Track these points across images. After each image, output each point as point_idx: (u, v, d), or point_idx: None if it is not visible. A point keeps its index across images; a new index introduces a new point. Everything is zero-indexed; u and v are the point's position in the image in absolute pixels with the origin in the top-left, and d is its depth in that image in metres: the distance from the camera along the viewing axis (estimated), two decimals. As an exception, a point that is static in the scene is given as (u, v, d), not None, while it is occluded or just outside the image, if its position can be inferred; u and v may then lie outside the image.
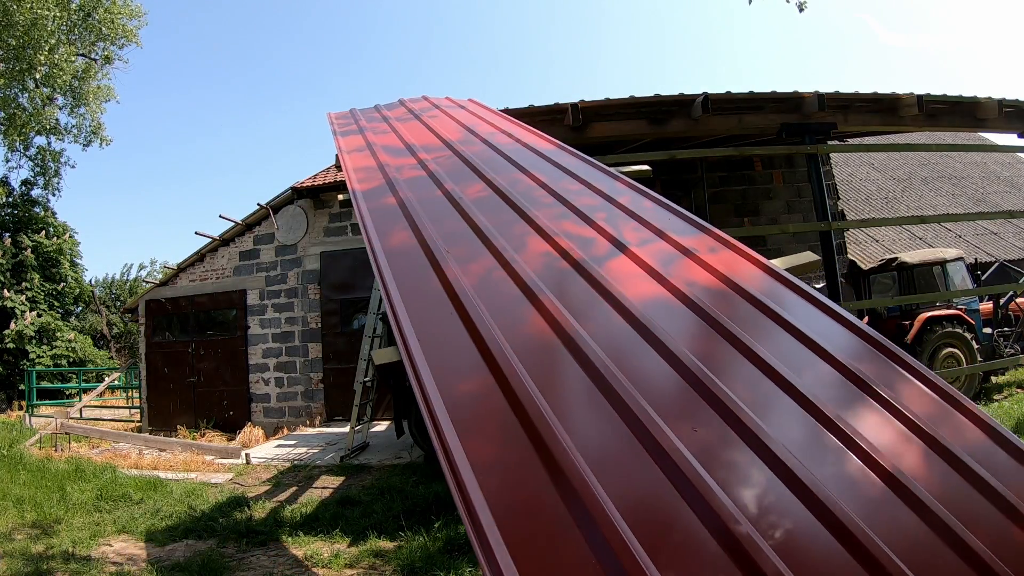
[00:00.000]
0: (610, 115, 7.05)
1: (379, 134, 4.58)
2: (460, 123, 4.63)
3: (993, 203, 16.44)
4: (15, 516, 5.02)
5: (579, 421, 1.65)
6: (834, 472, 1.51)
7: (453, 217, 2.85)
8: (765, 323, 2.04)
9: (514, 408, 1.67)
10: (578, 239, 2.58)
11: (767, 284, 2.25)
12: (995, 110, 7.22)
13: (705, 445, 1.55)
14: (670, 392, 1.76)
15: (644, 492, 1.45)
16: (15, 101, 14.81)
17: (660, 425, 1.56)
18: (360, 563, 4.00)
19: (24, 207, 17.87)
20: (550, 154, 3.59)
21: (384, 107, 5.81)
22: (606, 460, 1.51)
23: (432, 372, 1.83)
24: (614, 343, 1.93)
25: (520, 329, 2.01)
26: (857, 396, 1.77)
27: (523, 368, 1.76)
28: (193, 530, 4.73)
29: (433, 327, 2.08)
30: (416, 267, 2.46)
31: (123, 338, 26.02)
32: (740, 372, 1.84)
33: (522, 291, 2.20)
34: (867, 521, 1.34)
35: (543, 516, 1.38)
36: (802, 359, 1.89)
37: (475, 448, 1.54)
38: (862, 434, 1.60)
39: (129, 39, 15.61)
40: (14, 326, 16.18)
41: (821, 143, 7.60)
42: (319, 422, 10.09)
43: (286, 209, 10.71)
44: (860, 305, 8.47)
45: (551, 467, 1.46)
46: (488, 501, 1.37)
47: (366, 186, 3.36)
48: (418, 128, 4.63)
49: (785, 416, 1.69)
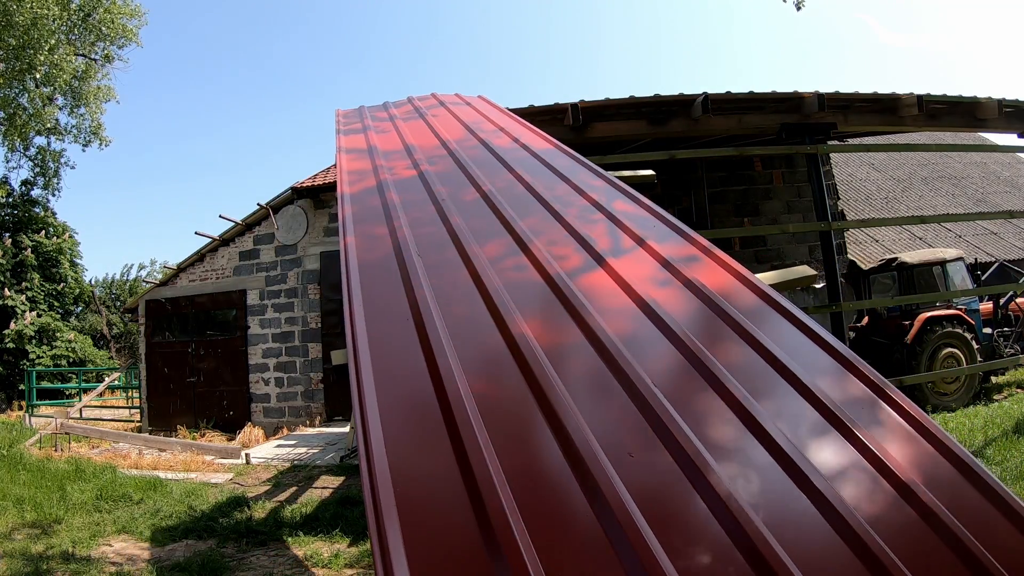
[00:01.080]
0: (610, 115, 7.05)
1: (381, 133, 4.57)
2: (462, 122, 4.61)
3: (993, 203, 16.44)
4: (15, 516, 5.03)
5: (516, 456, 1.55)
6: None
7: (435, 223, 2.80)
8: (744, 349, 1.92)
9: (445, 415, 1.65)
10: (559, 252, 2.48)
11: (752, 303, 2.14)
12: (995, 110, 7.22)
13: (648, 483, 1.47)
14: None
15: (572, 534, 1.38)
16: (15, 101, 14.81)
17: (601, 462, 1.47)
18: (360, 563, 4.00)
19: (24, 207, 17.89)
20: (547, 155, 3.57)
21: (392, 104, 5.80)
22: (538, 490, 1.46)
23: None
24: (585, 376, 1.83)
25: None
26: (828, 432, 1.64)
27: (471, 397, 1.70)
28: (193, 530, 4.73)
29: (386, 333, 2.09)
30: (386, 278, 2.42)
31: (123, 338, 26.04)
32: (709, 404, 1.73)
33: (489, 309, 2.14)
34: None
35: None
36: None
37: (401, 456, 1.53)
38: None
39: (129, 39, 15.60)
40: (14, 326, 16.19)
41: (821, 143, 7.60)
42: (319, 422, 10.09)
43: (286, 209, 10.71)
44: (860, 305, 8.48)
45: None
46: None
47: (355, 188, 3.35)
48: (420, 127, 4.62)
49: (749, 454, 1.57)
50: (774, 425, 1.61)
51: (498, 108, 5.20)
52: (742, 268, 2.30)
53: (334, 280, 10.45)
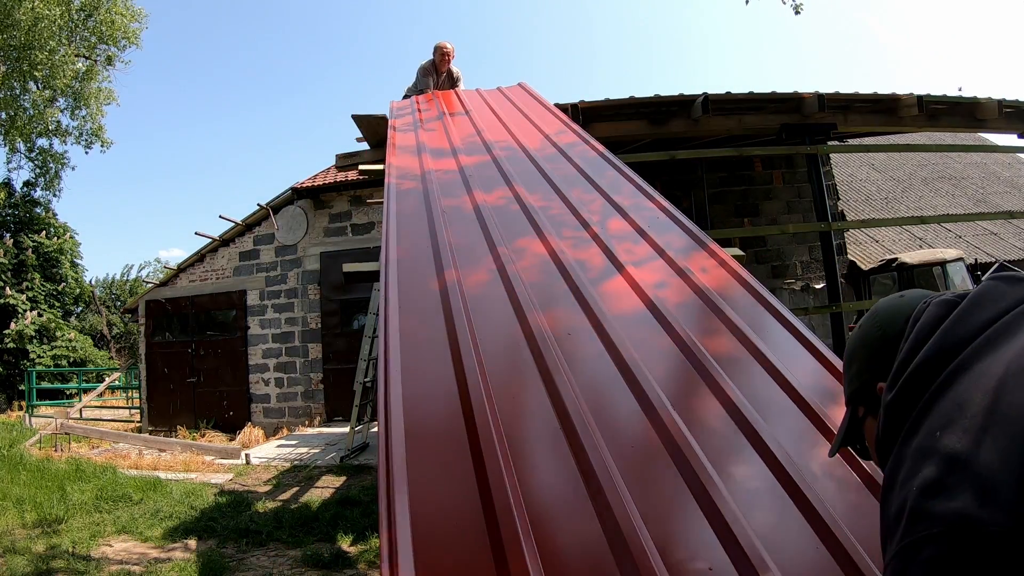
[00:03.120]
0: (610, 115, 7.05)
1: (429, 131, 4.55)
2: (503, 122, 4.57)
3: (993, 203, 16.42)
4: (15, 516, 5.02)
5: (538, 462, 1.57)
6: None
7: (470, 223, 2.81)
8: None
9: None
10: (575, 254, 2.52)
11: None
12: (995, 110, 7.21)
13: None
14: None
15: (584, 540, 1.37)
16: (16, 102, 14.82)
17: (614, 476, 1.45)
18: (360, 563, 4.01)
19: (25, 208, 17.92)
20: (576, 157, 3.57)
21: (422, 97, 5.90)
22: (555, 503, 1.44)
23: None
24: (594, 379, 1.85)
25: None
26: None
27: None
28: (193, 530, 4.73)
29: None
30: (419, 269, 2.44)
31: (123, 338, 26.05)
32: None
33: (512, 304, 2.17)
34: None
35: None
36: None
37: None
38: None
39: (131, 41, 15.61)
40: (15, 326, 16.20)
41: (821, 143, 7.59)
42: (319, 422, 10.09)
43: (286, 209, 10.71)
44: (860, 306, 8.46)
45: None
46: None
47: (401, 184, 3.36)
48: (463, 123, 4.61)
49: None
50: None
51: (538, 100, 5.18)
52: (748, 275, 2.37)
53: (334, 280, 10.45)
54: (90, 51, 15.28)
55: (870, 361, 0.79)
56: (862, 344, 0.82)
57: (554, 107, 4.95)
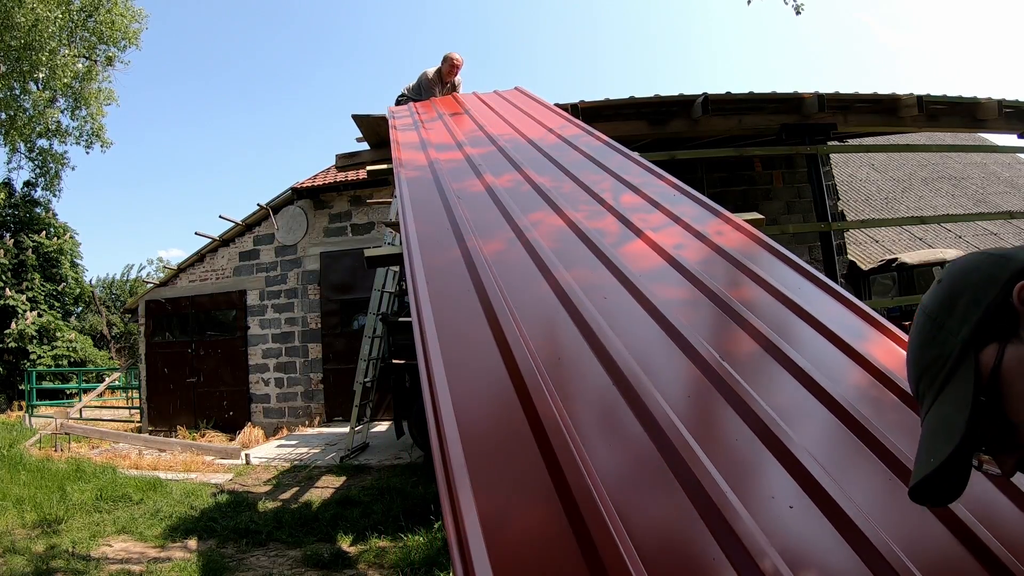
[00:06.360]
0: (610, 115, 7.05)
1: (431, 130, 4.57)
2: (504, 119, 4.58)
3: (993, 203, 16.42)
4: (15, 516, 5.02)
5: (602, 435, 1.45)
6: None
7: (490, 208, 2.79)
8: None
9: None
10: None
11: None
12: (995, 110, 7.20)
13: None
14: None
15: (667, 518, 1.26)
16: (16, 103, 14.82)
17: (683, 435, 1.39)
18: (360, 563, 4.00)
19: (25, 208, 17.91)
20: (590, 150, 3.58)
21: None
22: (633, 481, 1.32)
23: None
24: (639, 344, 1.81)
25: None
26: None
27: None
28: (193, 530, 4.72)
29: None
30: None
31: (123, 338, 26.04)
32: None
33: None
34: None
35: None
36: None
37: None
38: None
39: (131, 41, 15.60)
40: (15, 326, 16.20)
41: (821, 144, 7.59)
42: (319, 422, 10.09)
43: (286, 209, 10.72)
44: (860, 305, 8.46)
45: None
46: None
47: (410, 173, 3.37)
48: (464, 121, 4.62)
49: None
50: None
51: (540, 102, 5.20)
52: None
53: (334, 280, 10.46)
54: (90, 51, 15.27)
55: (988, 283, 0.63)
56: (963, 275, 0.66)
57: (554, 106, 4.95)
